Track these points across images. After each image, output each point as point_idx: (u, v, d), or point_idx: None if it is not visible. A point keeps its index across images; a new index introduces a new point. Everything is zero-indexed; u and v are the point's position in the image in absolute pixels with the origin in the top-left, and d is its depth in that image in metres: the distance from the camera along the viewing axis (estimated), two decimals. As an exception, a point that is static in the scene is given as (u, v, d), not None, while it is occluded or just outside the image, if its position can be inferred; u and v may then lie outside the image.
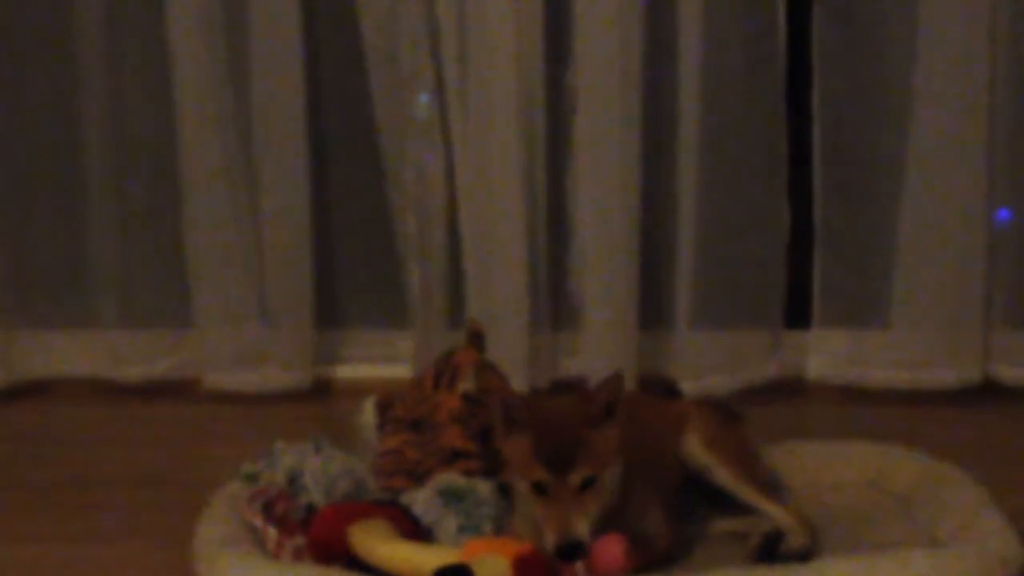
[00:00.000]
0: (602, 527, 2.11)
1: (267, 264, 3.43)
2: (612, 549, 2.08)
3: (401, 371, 3.29)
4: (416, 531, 2.20)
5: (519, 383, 2.74)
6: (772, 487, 2.46)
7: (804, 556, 2.21)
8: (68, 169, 3.49)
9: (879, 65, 3.24)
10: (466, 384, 2.53)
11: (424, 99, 3.36)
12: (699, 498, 2.42)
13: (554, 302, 3.38)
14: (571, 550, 2.03)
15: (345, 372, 3.57)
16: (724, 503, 2.40)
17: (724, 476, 2.38)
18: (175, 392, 3.51)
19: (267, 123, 3.36)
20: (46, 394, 3.55)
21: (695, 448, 2.39)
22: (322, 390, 3.51)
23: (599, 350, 3.30)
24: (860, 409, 3.28)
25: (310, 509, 2.31)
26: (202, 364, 3.48)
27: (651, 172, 3.28)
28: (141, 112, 3.42)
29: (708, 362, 3.33)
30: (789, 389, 3.37)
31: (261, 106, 3.35)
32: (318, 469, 2.39)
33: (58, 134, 3.49)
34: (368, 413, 2.67)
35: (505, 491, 2.32)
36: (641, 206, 3.27)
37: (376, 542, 2.11)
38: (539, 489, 2.08)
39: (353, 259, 3.60)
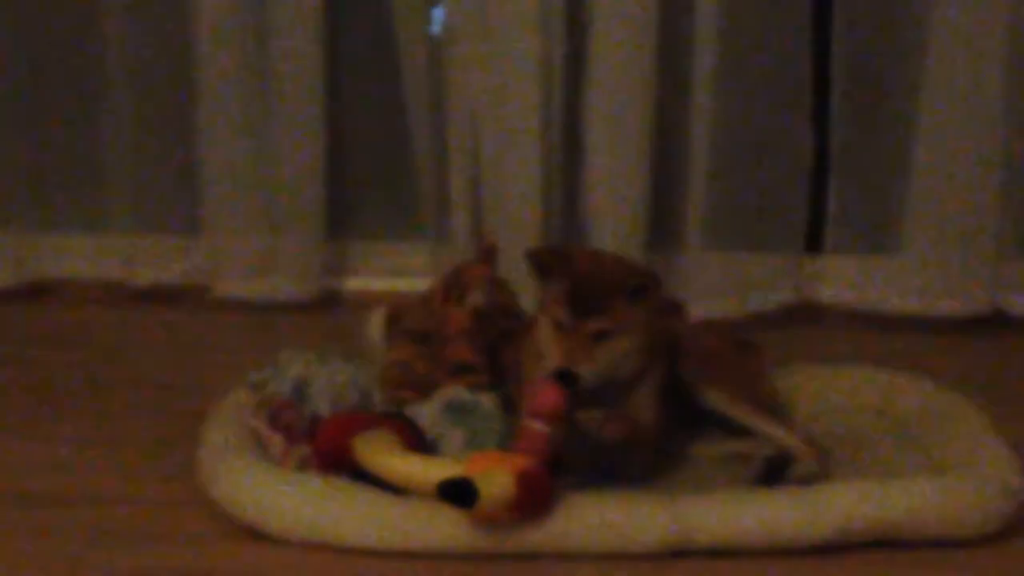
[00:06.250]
0: (605, 396, 2.20)
1: (279, 173, 3.42)
2: (550, 389, 2.14)
3: (410, 284, 3.29)
4: (421, 444, 2.21)
5: (529, 299, 2.73)
6: (782, 413, 2.47)
7: (813, 480, 2.22)
8: (84, 73, 3.47)
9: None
10: (476, 298, 2.54)
11: (439, 13, 3.35)
12: (710, 424, 2.44)
13: (566, 219, 3.38)
14: (568, 377, 2.13)
15: (354, 284, 3.57)
16: (737, 430, 2.41)
17: (718, 401, 2.40)
18: (184, 298, 3.52)
19: (284, 30, 3.32)
20: (56, 295, 3.56)
21: (690, 374, 2.41)
22: (331, 301, 3.51)
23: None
24: (869, 335, 3.28)
25: (315, 419, 2.32)
26: (212, 271, 3.48)
27: (667, 91, 3.26)
28: (158, 19, 3.39)
29: (719, 285, 3.32)
30: (799, 314, 3.37)
31: (278, 13, 3.32)
32: (324, 379, 2.40)
33: (74, 37, 3.46)
34: (376, 325, 2.68)
35: (510, 405, 2.34)
36: (656, 125, 3.25)
37: (381, 453, 2.12)
38: (558, 327, 2.19)
39: (366, 170, 3.59)
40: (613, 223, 3.29)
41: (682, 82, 3.25)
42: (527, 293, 2.64)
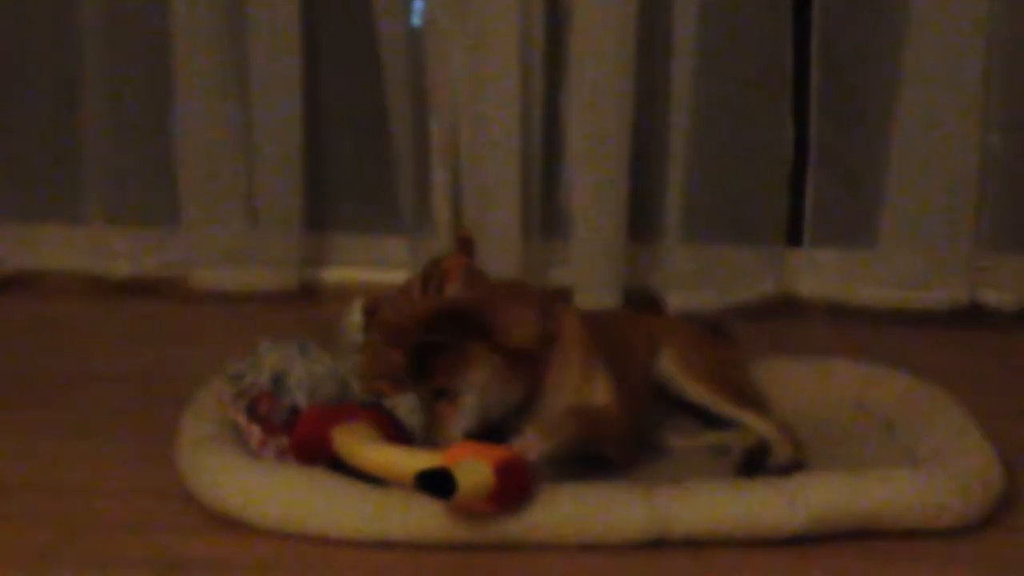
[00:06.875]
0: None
1: (257, 164, 3.41)
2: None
3: (389, 275, 3.28)
4: (399, 435, 2.20)
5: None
6: (759, 404, 2.47)
7: (791, 468, 2.22)
8: (62, 65, 3.46)
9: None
10: (454, 290, 2.52)
11: (419, 4, 3.34)
12: (689, 416, 2.45)
13: (545, 210, 3.38)
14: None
15: (332, 275, 3.57)
16: (716, 421, 2.42)
17: (697, 392, 2.40)
18: (161, 289, 3.52)
19: (262, 23, 3.33)
20: (33, 287, 3.55)
21: (668, 366, 2.42)
22: (309, 292, 3.51)
23: (588, 260, 3.31)
24: (848, 327, 3.30)
25: (294, 410, 2.31)
26: (189, 262, 3.47)
27: (647, 83, 3.27)
28: (137, 10, 3.40)
29: (698, 277, 3.33)
30: (779, 306, 3.38)
31: (256, 5, 3.32)
32: (302, 371, 2.38)
33: (53, 30, 3.46)
34: (355, 316, 2.67)
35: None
36: (636, 118, 3.26)
37: (359, 445, 2.11)
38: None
39: (344, 161, 3.59)
40: (593, 214, 3.30)
41: (662, 75, 3.25)
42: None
